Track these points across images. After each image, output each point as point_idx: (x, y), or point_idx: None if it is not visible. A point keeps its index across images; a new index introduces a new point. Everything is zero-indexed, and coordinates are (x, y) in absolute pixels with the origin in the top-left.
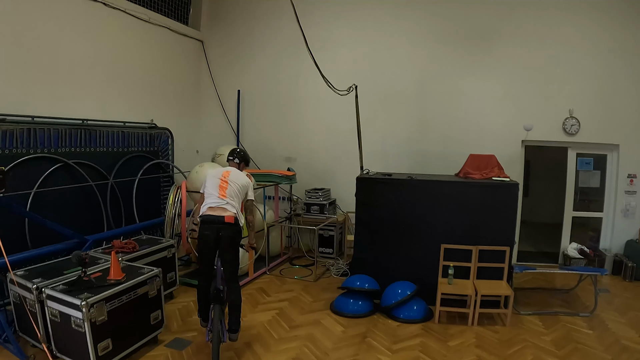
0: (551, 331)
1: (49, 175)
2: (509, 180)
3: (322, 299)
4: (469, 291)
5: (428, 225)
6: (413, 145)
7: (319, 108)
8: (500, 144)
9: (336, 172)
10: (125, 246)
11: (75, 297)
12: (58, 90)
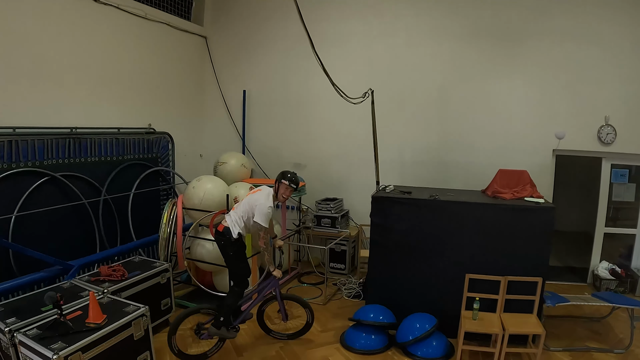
0: None
1: (34, 191)
2: (543, 202)
3: (332, 328)
4: (496, 329)
5: (452, 250)
6: (433, 154)
7: (331, 111)
8: (529, 154)
9: (349, 180)
10: (114, 274)
11: (47, 348)
12: (42, 96)
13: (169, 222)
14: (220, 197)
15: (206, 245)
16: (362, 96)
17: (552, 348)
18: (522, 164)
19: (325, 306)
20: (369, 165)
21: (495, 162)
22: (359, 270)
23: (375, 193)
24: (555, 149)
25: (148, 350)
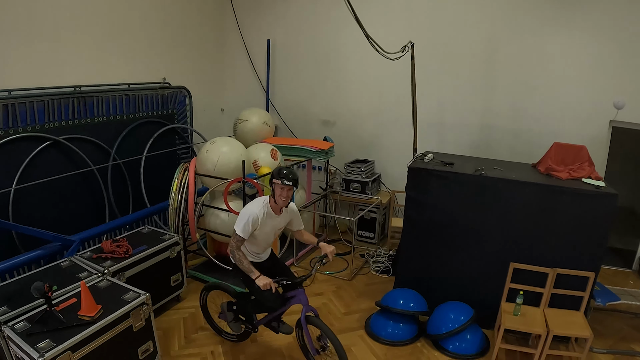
0: None
1: (35, 158)
2: (604, 186)
3: (357, 310)
4: (539, 329)
5: (495, 234)
6: (477, 118)
7: (364, 66)
8: (582, 123)
9: (382, 141)
10: (117, 250)
11: (32, 348)
12: (41, 53)
13: (180, 189)
14: (236, 162)
15: (221, 215)
16: (401, 50)
17: (595, 349)
18: (575, 134)
19: (350, 282)
20: (404, 125)
21: (545, 130)
22: (390, 240)
23: (412, 162)
24: (612, 119)
25: (150, 340)
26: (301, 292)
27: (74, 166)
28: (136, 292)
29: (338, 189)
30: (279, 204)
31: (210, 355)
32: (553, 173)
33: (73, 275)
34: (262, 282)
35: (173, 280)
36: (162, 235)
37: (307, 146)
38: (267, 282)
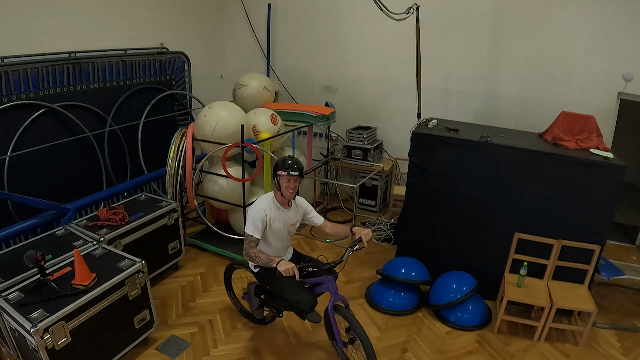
0: (631, 359)
1: (30, 126)
2: (612, 157)
3: (358, 278)
4: (543, 301)
5: (500, 204)
6: (482, 85)
7: (367, 29)
8: (590, 94)
9: (385, 108)
10: (113, 217)
11: (25, 318)
12: (34, 19)
13: (177, 155)
14: (235, 127)
15: (219, 182)
16: (406, 12)
17: (598, 324)
18: (582, 105)
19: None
20: (408, 91)
21: (552, 99)
22: (391, 209)
23: (416, 128)
24: (621, 91)
25: (147, 308)
26: (330, 280)
27: (70, 134)
28: (132, 260)
29: (339, 156)
30: (286, 196)
31: (208, 324)
32: (560, 142)
33: (68, 243)
34: (284, 267)
35: (171, 248)
36: (159, 202)
37: (308, 111)
38: (289, 267)
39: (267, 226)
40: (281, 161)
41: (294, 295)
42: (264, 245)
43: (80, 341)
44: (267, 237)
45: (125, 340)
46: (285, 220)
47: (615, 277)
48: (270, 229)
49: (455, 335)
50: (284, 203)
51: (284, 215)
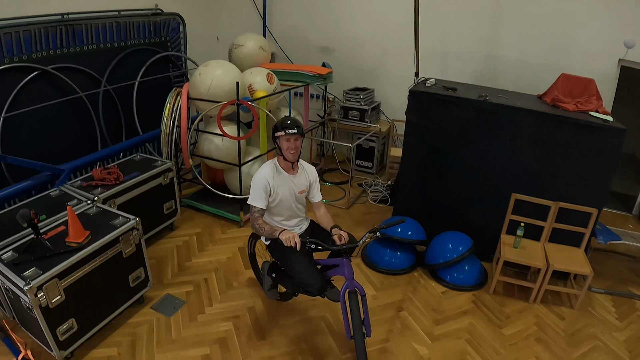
0: (625, 325)
1: (23, 90)
2: (612, 120)
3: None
4: (539, 262)
5: (498, 164)
6: (482, 47)
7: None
8: (591, 59)
9: (383, 69)
10: (107, 177)
11: (19, 276)
12: None
13: (172, 113)
14: (230, 86)
15: (214, 141)
16: None
17: (593, 289)
18: (582, 69)
19: (347, 211)
20: (407, 53)
21: (552, 63)
22: (388, 170)
23: (414, 86)
24: (621, 58)
25: (142, 266)
26: (345, 263)
27: (64, 96)
28: (126, 217)
29: (336, 117)
30: (289, 158)
31: (203, 282)
32: (559, 104)
33: (62, 204)
34: (285, 236)
35: (166, 208)
36: (154, 162)
37: (304, 71)
38: (290, 236)
39: (271, 195)
40: (279, 122)
41: (301, 274)
42: (273, 214)
43: (75, 299)
44: (274, 208)
45: (120, 298)
46: (292, 187)
47: (612, 242)
48: (276, 197)
49: (450, 295)
50: (288, 168)
51: (289, 182)
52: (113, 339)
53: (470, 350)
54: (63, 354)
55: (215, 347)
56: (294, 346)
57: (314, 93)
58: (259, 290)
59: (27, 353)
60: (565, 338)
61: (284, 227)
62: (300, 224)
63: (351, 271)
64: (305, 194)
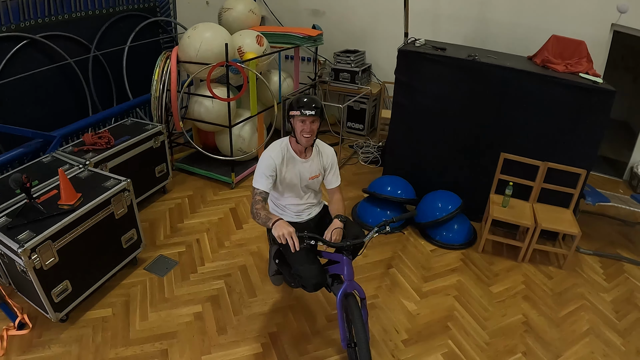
0: (613, 286)
1: (12, 59)
2: (601, 82)
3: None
4: (527, 221)
5: (487, 124)
6: (474, 9)
7: None
8: (584, 23)
9: (374, 31)
10: (99, 141)
11: (12, 240)
12: None
13: (162, 77)
14: (219, 48)
15: (204, 103)
16: None
17: (582, 250)
18: (575, 34)
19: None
20: (398, 14)
21: (545, 27)
22: (379, 132)
23: (403, 46)
24: (614, 23)
25: (134, 227)
26: (345, 262)
27: (53, 64)
28: (117, 179)
29: (327, 79)
30: (302, 142)
31: (195, 243)
32: (549, 65)
33: (54, 169)
34: (277, 232)
35: (158, 171)
36: (145, 125)
37: (294, 33)
38: (283, 233)
39: (277, 177)
40: (294, 100)
41: (298, 265)
42: (279, 197)
43: (69, 261)
44: (280, 190)
45: (113, 260)
46: (301, 172)
47: (601, 203)
48: (282, 181)
49: (440, 253)
50: (300, 151)
51: (299, 166)
52: (107, 300)
53: (458, 307)
54: (58, 316)
55: (207, 304)
56: (285, 303)
57: (304, 56)
58: (250, 249)
59: (24, 317)
60: (552, 297)
61: (280, 216)
62: (309, 210)
63: (351, 271)
64: (320, 179)
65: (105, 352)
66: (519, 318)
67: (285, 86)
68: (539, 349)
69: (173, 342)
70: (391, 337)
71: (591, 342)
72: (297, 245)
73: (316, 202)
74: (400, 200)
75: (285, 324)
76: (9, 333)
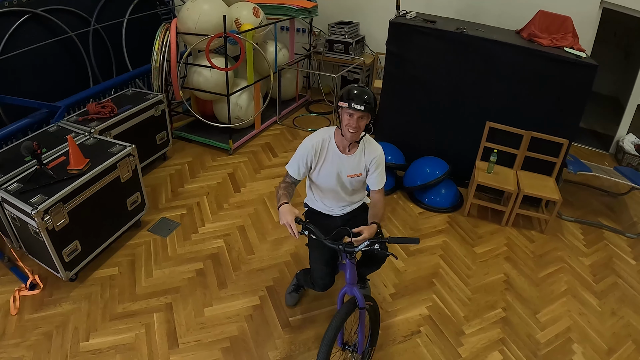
0: (592, 251)
1: (15, 33)
2: (585, 56)
3: None
4: (511, 186)
5: (474, 94)
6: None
7: None
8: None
9: (368, 3)
10: (102, 110)
11: (26, 203)
12: None
13: (162, 48)
14: (217, 19)
15: (203, 73)
16: None
17: (564, 216)
18: (564, 9)
19: None
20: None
21: (535, 2)
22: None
23: (394, 18)
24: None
25: (138, 191)
26: (348, 264)
27: (55, 37)
28: (122, 145)
29: (321, 50)
30: (346, 136)
31: (196, 205)
32: (535, 39)
33: (61, 138)
34: (280, 216)
35: (159, 138)
36: (145, 95)
37: (289, 4)
38: (283, 219)
39: (312, 169)
40: (345, 90)
41: (313, 262)
42: (314, 190)
43: (78, 223)
44: (315, 180)
45: (119, 222)
46: (339, 169)
47: (582, 172)
48: (319, 174)
49: (427, 215)
50: (344, 146)
51: (338, 161)
52: (114, 260)
53: (443, 265)
54: (69, 275)
55: (208, 262)
56: (281, 259)
57: (300, 27)
58: (248, 211)
59: (35, 278)
60: (533, 259)
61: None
62: (342, 207)
63: (352, 275)
64: (362, 179)
65: (114, 307)
66: (500, 277)
67: (280, 56)
68: (518, 305)
69: (177, 296)
70: (380, 291)
71: (568, 302)
72: (296, 234)
73: (352, 200)
74: (391, 165)
75: (281, 279)
76: (21, 294)
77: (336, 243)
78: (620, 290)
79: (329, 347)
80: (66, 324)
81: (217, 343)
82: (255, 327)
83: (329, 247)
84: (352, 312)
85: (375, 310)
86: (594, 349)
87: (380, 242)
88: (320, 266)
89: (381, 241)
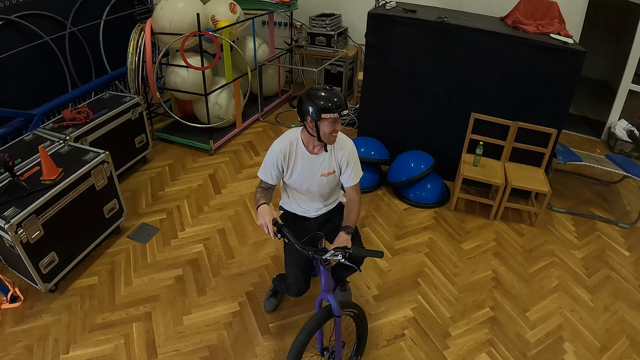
0: (584, 243)
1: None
2: (572, 43)
3: None
4: (498, 180)
5: (458, 85)
6: None
7: None
8: None
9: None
10: (78, 116)
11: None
12: None
13: (137, 49)
14: (192, 18)
15: (180, 73)
16: None
17: (554, 208)
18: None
19: None
20: None
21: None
22: (356, 95)
23: (373, 9)
24: None
25: (115, 198)
26: (322, 271)
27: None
28: (96, 152)
29: (303, 44)
30: (330, 142)
31: (176, 209)
32: (520, 26)
33: (36, 147)
34: (259, 217)
35: (137, 141)
36: (122, 98)
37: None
38: (260, 220)
39: (285, 173)
40: (320, 99)
41: (288, 267)
42: (289, 190)
43: (54, 234)
44: (289, 183)
45: (97, 230)
46: (311, 169)
47: (572, 162)
48: (292, 177)
49: (413, 212)
50: (313, 146)
51: (309, 162)
52: (93, 269)
53: (429, 263)
54: (47, 286)
55: (188, 268)
56: (261, 262)
57: (280, 21)
58: (228, 214)
59: (15, 290)
60: (522, 253)
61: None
62: (318, 207)
63: (327, 282)
64: (336, 176)
65: (93, 318)
66: (488, 274)
67: (260, 52)
68: (507, 304)
69: (156, 304)
70: (362, 293)
71: (559, 298)
72: (272, 235)
73: (327, 202)
74: (374, 160)
75: (261, 283)
76: (2, 307)
77: (307, 249)
78: (614, 283)
79: (299, 352)
80: (47, 336)
81: (196, 352)
82: (234, 335)
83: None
84: (327, 320)
85: (361, 317)
86: (586, 347)
87: (344, 254)
88: (294, 271)
89: (346, 251)
